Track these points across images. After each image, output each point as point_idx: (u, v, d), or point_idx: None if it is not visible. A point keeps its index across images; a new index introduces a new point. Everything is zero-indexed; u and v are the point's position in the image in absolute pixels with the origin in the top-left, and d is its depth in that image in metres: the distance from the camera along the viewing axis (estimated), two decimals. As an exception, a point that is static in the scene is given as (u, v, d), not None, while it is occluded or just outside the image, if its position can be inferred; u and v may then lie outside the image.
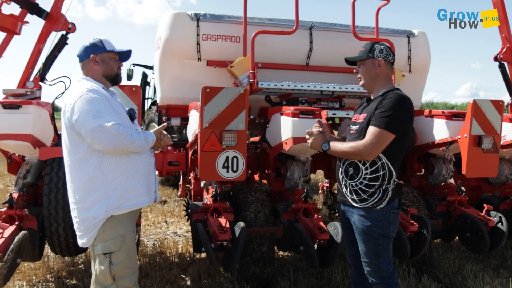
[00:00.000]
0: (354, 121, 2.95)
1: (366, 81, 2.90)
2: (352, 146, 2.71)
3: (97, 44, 2.79)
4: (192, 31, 4.75)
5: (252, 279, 3.96)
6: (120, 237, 2.63)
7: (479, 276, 4.14)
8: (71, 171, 2.64)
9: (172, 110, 5.14)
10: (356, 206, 2.78)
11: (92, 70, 2.77)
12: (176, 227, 6.19)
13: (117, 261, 2.60)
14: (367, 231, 2.75)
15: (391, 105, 2.64)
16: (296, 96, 5.00)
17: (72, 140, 2.60)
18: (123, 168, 2.63)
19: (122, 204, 2.62)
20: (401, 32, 5.52)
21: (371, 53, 2.83)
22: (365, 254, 2.80)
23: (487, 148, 4.20)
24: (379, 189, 2.73)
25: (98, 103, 2.54)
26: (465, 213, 4.28)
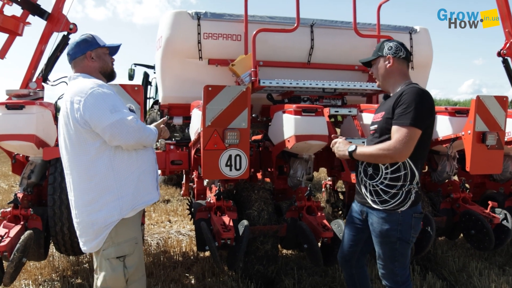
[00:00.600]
0: (372, 120, 2.86)
1: (381, 80, 2.82)
2: (380, 148, 2.54)
3: (90, 40, 2.69)
4: (193, 30, 4.75)
5: (256, 277, 3.96)
6: (134, 239, 2.57)
7: (484, 273, 4.13)
8: (80, 172, 2.49)
9: (174, 109, 5.14)
10: (376, 207, 2.66)
11: (89, 67, 2.66)
12: (180, 226, 6.20)
13: (131, 264, 2.54)
14: (384, 235, 2.64)
15: (410, 99, 2.52)
16: (298, 94, 5.00)
17: (81, 139, 2.46)
18: (135, 165, 2.56)
19: (136, 203, 2.55)
20: (402, 29, 5.50)
21: (380, 52, 2.78)
22: (381, 257, 2.72)
23: (491, 145, 4.17)
24: (401, 190, 2.61)
25: (112, 98, 2.48)
26: (470, 210, 4.26)
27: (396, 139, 2.49)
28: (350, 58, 5.31)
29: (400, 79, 2.75)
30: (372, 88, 4.83)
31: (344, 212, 5.41)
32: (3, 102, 3.77)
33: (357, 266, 3.01)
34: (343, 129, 5.06)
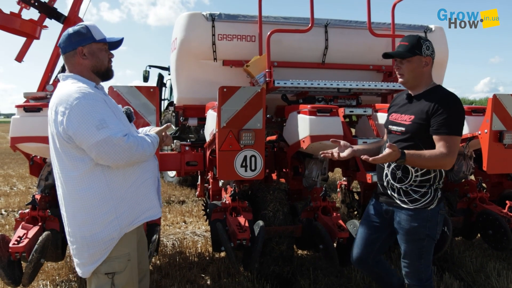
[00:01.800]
0: (394, 120, 2.83)
1: (410, 79, 2.74)
2: (432, 157, 2.50)
3: (84, 32, 2.33)
4: (207, 31, 4.78)
5: (271, 278, 3.97)
6: (126, 255, 2.34)
7: (502, 274, 4.07)
8: (70, 189, 2.24)
9: (189, 110, 5.17)
10: (406, 207, 2.69)
11: (79, 65, 2.34)
12: (195, 227, 6.22)
13: (120, 282, 2.31)
14: (413, 232, 2.68)
15: (450, 107, 2.56)
16: (312, 94, 4.99)
17: (68, 155, 2.22)
18: (132, 179, 2.32)
19: (135, 219, 2.34)
20: (417, 28, 5.46)
21: (419, 50, 2.67)
22: (407, 255, 2.76)
23: (508, 144, 4.12)
24: (430, 188, 2.68)
25: (99, 110, 2.16)
26: (487, 210, 4.22)
27: (445, 149, 2.51)
28: (364, 58, 5.30)
29: (429, 80, 2.77)
30: (387, 87, 4.81)
31: (360, 213, 5.38)
32: (21, 105, 3.83)
33: (374, 262, 3.02)
34: (358, 129, 5.03)
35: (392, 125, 2.84)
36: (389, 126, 2.88)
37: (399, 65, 2.75)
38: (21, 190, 9.53)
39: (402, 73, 2.75)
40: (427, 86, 2.75)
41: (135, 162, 2.31)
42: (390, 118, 2.91)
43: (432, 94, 2.68)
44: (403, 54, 2.69)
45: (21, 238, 3.57)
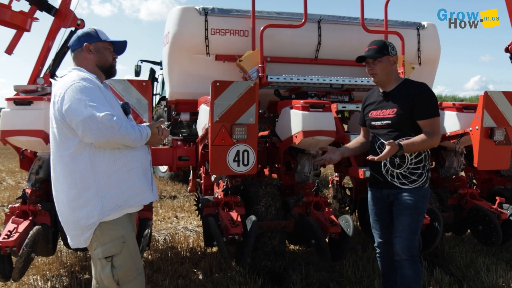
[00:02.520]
0: (376, 117, 3.14)
1: (383, 77, 3.09)
2: (423, 140, 2.91)
3: (91, 33, 2.62)
4: (200, 25, 4.75)
5: (263, 272, 3.97)
6: (120, 238, 2.46)
7: (492, 269, 4.12)
8: (63, 167, 2.42)
9: (181, 105, 5.15)
10: (406, 187, 3.02)
11: (85, 59, 2.58)
12: (187, 222, 6.22)
13: (119, 264, 2.45)
14: (413, 206, 3.00)
15: (426, 94, 2.98)
16: (305, 89, 5.00)
17: (61, 134, 2.40)
18: (117, 165, 2.43)
19: (120, 204, 2.44)
20: (410, 24, 5.48)
21: (386, 51, 3.05)
22: (403, 229, 3.01)
23: (499, 140, 4.15)
24: (424, 169, 3.04)
25: (91, 92, 2.34)
26: (478, 206, 4.25)
27: (433, 130, 2.95)
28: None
29: (397, 76, 3.17)
30: (379, 83, 4.82)
31: (351, 208, 5.41)
32: (11, 98, 3.79)
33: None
34: (350, 124, 5.05)
35: (376, 121, 3.15)
36: (372, 122, 3.18)
37: (372, 66, 3.11)
38: (10, 184, 9.46)
39: (375, 72, 3.10)
40: (397, 81, 3.13)
41: (119, 145, 2.40)
42: (371, 116, 3.21)
43: (406, 86, 3.08)
44: (375, 55, 3.06)
45: (11, 233, 3.53)
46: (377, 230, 3.30)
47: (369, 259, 4.36)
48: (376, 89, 3.29)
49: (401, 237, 3.03)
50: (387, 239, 3.26)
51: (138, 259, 2.62)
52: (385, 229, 3.25)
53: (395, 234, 3.08)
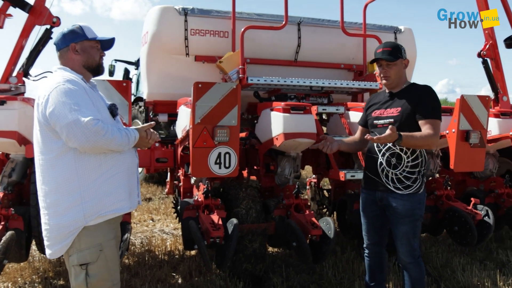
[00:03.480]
0: (380, 115, 3.15)
1: (395, 80, 3.09)
2: (423, 137, 2.90)
3: (77, 31, 2.49)
4: (180, 26, 4.70)
5: (244, 275, 3.94)
6: (98, 246, 2.36)
7: (467, 269, 4.20)
8: (44, 171, 2.34)
9: (159, 106, 5.08)
10: (400, 193, 3.00)
11: (72, 60, 2.48)
12: (163, 224, 6.12)
13: (94, 272, 2.34)
14: (409, 214, 3.00)
15: (430, 96, 3.01)
16: (284, 91, 5.00)
17: (45, 137, 2.31)
18: (102, 169, 2.35)
19: (102, 209, 2.35)
20: (387, 28, 5.57)
21: (400, 54, 3.07)
22: (404, 235, 3.05)
23: (474, 143, 4.26)
24: (419, 174, 3.03)
25: (76, 95, 2.25)
26: (454, 207, 4.34)
27: (432, 131, 2.92)
28: (336, 57, 5.36)
29: (405, 79, 3.19)
30: (358, 86, 4.88)
31: (330, 210, 5.43)
32: (-17, 98, 3.64)
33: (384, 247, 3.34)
34: (329, 127, 5.07)
35: (378, 120, 3.16)
36: (374, 121, 3.18)
37: (386, 69, 3.08)
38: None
39: (389, 75, 3.09)
40: (405, 83, 3.16)
41: (105, 150, 2.33)
42: (374, 115, 3.21)
43: (413, 88, 3.11)
44: (391, 58, 3.05)
45: (-18, 238, 3.39)
46: (367, 232, 3.31)
47: (348, 260, 4.39)
48: (381, 92, 3.32)
49: (402, 243, 3.09)
50: (376, 241, 3.29)
51: (115, 270, 2.50)
52: (375, 231, 3.27)
53: (396, 241, 3.12)
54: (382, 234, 3.30)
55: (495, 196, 4.91)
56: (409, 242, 3.06)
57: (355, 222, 4.41)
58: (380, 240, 3.31)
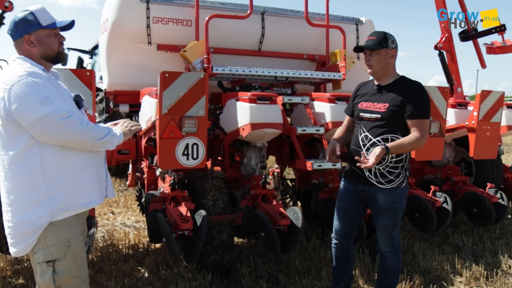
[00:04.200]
0: (366, 108, 3.11)
1: (379, 69, 3.05)
2: (409, 142, 2.89)
3: (29, 18, 2.25)
4: (141, 13, 4.57)
5: (212, 267, 3.90)
6: (65, 242, 2.27)
7: (427, 254, 4.36)
8: (6, 167, 2.21)
9: (120, 96, 4.92)
10: (383, 187, 3.03)
11: (28, 51, 2.29)
12: (124, 217, 5.98)
13: (61, 269, 2.26)
14: (391, 207, 3.05)
15: (420, 94, 2.98)
16: (249, 81, 4.97)
17: (8, 132, 2.17)
18: (69, 163, 2.25)
19: (69, 204, 2.26)
20: (350, 20, 5.64)
21: (385, 44, 3.00)
22: (384, 227, 3.12)
23: (434, 133, 4.41)
24: (402, 169, 3.05)
25: (44, 88, 2.13)
26: (415, 195, 4.48)
27: (420, 132, 2.92)
28: (299, 47, 5.37)
29: (394, 71, 3.12)
30: (322, 77, 4.92)
31: (294, 200, 5.48)
32: None
33: (352, 240, 3.39)
34: (293, 117, 5.09)
35: (365, 113, 3.12)
36: (361, 114, 3.14)
37: (369, 57, 3.05)
38: None
39: (372, 64, 3.06)
40: (394, 76, 3.10)
41: (84, 147, 2.27)
42: (360, 107, 3.17)
43: (402, 83, 3.05)
44: (373, 46, 3.01)
45: None
46: (338, 221, 3.33)
47: (314, 249, 4.44)
48: (370, 81, 3.24)
49: (381, 234, 3.16)
50: (346, 232, 3.32)
51: (83, 265, 2.42)
52: (347, 222, 3.30)
53: (377, 231, 3.20)
54: (353, 227, 3.33)
55: (451, 183, 5.12)
56: (388, 233, 3.13)
57: (320, 211, 4.50)
58: (349, 232, 3.33)
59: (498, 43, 6.25)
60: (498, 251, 4.53)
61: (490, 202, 4.68)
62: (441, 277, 3.95)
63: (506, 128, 5.27)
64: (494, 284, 3.82)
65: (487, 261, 4.30)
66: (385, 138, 2.99)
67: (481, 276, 3.91)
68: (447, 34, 6.00)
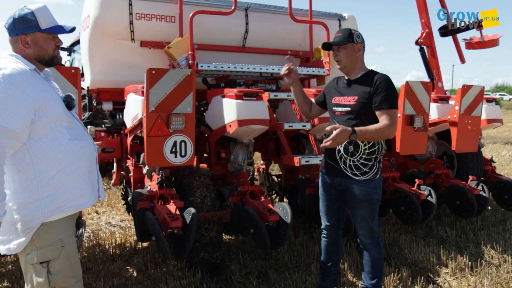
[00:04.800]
0: (338, 103, 3.22)
1: (347, 64, 3.17)
2: (378, 129, 2.95)
3: (29, 18, 2.20)
4: (124, 9, 4.50)
5: (201, 264, 3.89)
6: (59, 242, 2.25)
7: (413, 246, 4.43)
8: None
9: (103, 93, 4.84)
10: (358, 179, 3.12)
11: (22, 51, 2.25)
12: (109, 216, 5.90)
13: (56, 270, 2.24)
14: (368, 199, 3.14)
15: (386, 86, 3.04)
16: (233, 78, 4.95)
17: None
18: (61, 164, 2.21)
19: (62, 206, 2.23)
20: (332, 15, 5.67)
21: (351, 38, 3.13)
22: (363, 219, 3.21)
23: (418, 127, 4.48)
24: (376, 161, 3.15)
25: (7, 98, 2.04)
26: (399, 188, 4.53)
27: (389, 121, 2.99)
28: (283, 43, 5.37)
29: (363, 65, 3.25)
30: (306, 72, 4.94)
31: (281, 196, 5.49)
32: None
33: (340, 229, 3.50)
34: (279, 113, 5.10)
35: (337, 107, 3.24)
36: (334, 108, 3.27)
37: (337, 52, 3.19)
38: None
39: (340, 59, 3.19)
40: (363, 70, 3.22)
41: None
42: (333, 102, 3.27)
43: (369, 76, 3.15)
44: (339, 42, 3.16)
45: None
46: (325, 214, 3.44)
47: (302, 244, 4.47)
48: (342, 77, 3.34)
49: (361, 226, 3.26)
50: (334, 223, 3.43)
51: (78, 265, 2.40)
52: (333, 213, 3.42)
53: (356, 224, 3.31)
54: (339, 217, 3.45)
55: (434, 176, 5.20)
56: (367, 225, 3.23)
57: (307, 206, 4.52)
58: (337, 223, 3.45)
59: (477, 39, 6.36)
60: (481, 242, 4.64)
61: (472, 195, 4.77)
62: (427, 269, 4.02)
63: (486, 122, 5.38)
64: (478, 274, 3.90)
65: (470, 252, 4.40)
66: None
67: (465, 267, 4.00)
68: (428, 30, 6.08)
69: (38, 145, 2.17)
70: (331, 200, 3.38)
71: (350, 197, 3.22)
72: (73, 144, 2.27)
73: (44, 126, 2.17)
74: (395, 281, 3.68)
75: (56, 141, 2.22)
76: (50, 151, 2.19)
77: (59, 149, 2.21)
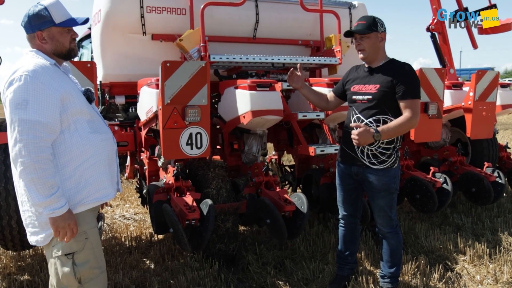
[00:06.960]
0: (358, 91, 3.18)
1: (370, 53, 3.10)
2: (401, 124, 2.95)
3: (43, 14, 2.23)
4: (135, 3, 4.49)
5: (218, 256, 3.91)
6: (83, 234, 2.28)
7: (429, 234, 4.42)
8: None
9: (116, 87, 4.84)
10: (376, 168, 3.10)
11: (40, 47, 2.29)
12: (123, 210, 5.94)
13: (81, 261, 2.28)
14: (386, 188, 3.13)
15: (410, 75, 3.03)
16: (245, 69, 4.94)
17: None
18: (83, 157, 2.24)
19: (85, 198, 2.27)
20: (342, 4, 5.62)
21: (375, 27, 3.06)
22: (381, 208, 3.20)
23: (432, 114, 4.44)
24: (394, 150, 3.12)
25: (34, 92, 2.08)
26: (415, 176, 4.51)
27: (412, 112, 2.98)
28: (293, 33, 5.34)
29: (384, 54, 3.19)
30: (318, 62, 4.91)
31: (294, 186, 5.49)
32: None
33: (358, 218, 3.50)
34: (291, 103, 5.08)
35: (357, 95, 3.20)
36: (353, 96, 3.19)
37: (360, 41, 3.11)
38: None
39: (363, 48, 3.11)
40: (384, 59, 3.17)
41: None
42: (353, 90, 3.23)
43: (392, 65, 3.12)
44: (363, 31, 3.07)
45: None
46: (342, 204, 3.45)
47: (318, 234, 4.47)
48: (361, 65, 3.31)
49: (379, 215, 3.26)
50: (351, 212, 3.43)
51: (101, 257, 2.44)
52: (350, 203, 3.43)
53: (375, 213, 3.30)
54: (357, 206, 3.45)
55: (448, 164, 5.17)
56: (386, 214, 3.22)
57: (322, 196, 4.51)
58: (355, 212, 3.45)
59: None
60: (498, 229, 4.61)
61: (488, 181, 4.74)
62: (444, 256, 4.01)
63: (501, 108, 5.33)
64: (497, 261, 3.88)
65: (487, 239, 4.37)
66: (376, 119, 3.07)
67: (484, 254, 3.98)
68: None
69: (61, 138, 2.19)
70: (348, 190, 3.37)
71: (368, 187, 3.21)
72: (94, 137, 2.30)
73: (67, 119, 2.20)
74: (413, 269, 3.68)
75: (78, 134, 2.24)
76: (72, 144, 2.21)
77: (81, 142, 2.24)
